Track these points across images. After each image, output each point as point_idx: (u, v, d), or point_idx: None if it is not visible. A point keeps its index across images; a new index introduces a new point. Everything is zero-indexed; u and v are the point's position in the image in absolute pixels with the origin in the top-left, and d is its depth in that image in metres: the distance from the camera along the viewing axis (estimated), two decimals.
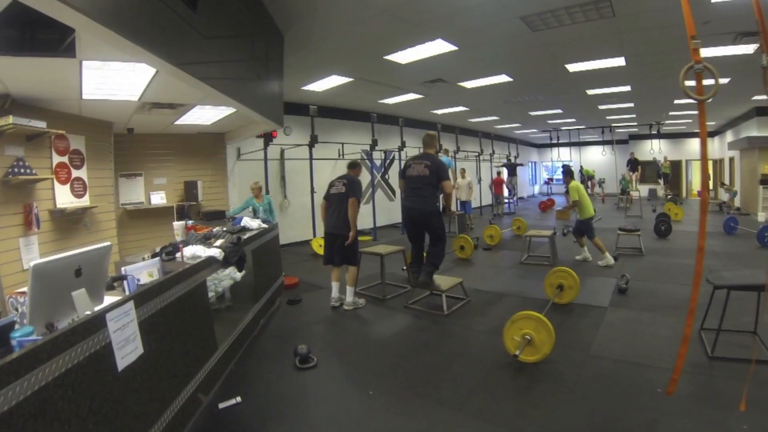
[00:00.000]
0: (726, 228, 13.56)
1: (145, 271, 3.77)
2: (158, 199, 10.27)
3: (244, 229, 6.53)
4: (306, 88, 12.22)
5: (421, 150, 7.11)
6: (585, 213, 9.76)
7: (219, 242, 5.17)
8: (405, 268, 8.57)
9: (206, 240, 5.30)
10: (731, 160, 22.51)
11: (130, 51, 3.45)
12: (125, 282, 3.40)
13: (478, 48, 9.25)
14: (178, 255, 4.54)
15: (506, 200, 22.23)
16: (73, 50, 4.32)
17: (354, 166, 7.67)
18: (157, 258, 4.22)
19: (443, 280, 7.18)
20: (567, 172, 10.31)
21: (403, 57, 9.54)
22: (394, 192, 17.64)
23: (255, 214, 9.35)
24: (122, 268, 3.60)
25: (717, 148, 26.42)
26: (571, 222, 16.63)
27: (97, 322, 2.53)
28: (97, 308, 2.72)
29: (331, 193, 7.28)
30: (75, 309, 2.62)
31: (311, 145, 12.66)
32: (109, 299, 3.03)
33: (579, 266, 9.28)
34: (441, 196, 6.77)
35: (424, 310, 7.06)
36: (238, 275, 5.93)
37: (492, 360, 5.07)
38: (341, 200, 7.08)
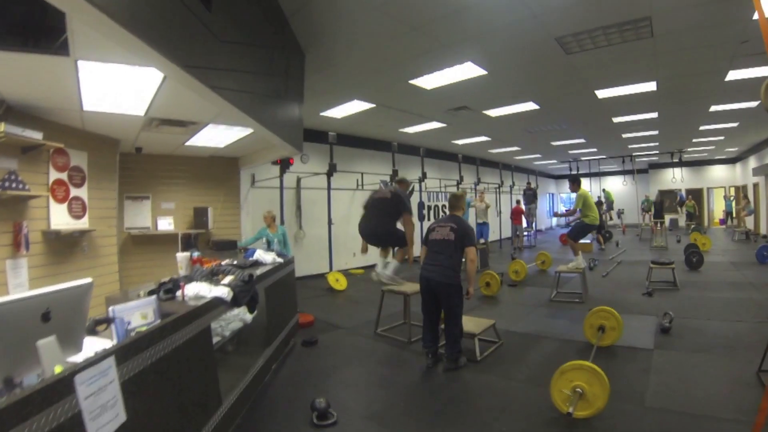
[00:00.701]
0: (759, 257, 13.03)
1: (137, 312, 3.19)
2: (166, 224, 9.76)
3: (257, 264, 6.01)
4: (325, 114, 11.84)
5: (446, 211, 6.58)
6: (589, 218, 9.46)
7: (228, 279, 4.50)
8: None
9: (213, 276, 4.65)
10: (755, 186, 22.17)
11: (131, 46, 2.94)
12: (113, 326, 2.92)
13: (508, 72, 8.86)
14: (178, 293, 3.87)
15: (525, 233, 21.61)
16: (66, 48, 3.89)
17: (402, 182, 7.54)
18: (154, 296, 3.57)
19: (473, 323, 6.54)
20: (574, 179, 10.00)
21: (429, 82, 9.16)
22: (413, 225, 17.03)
23: (268, 246, 8.92)
24: (110, 308, 3.02)
25: (739, 174, 26.25)
26: (595, 253, 16.22)
27: (62, 387, 1.93)
28: (71, 359, 2.31)
29: (374, 198, 7.17)
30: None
31: (330, 174, 12.17)
32: (93, 344, 2.63)
33: (614, 304, 8.66)
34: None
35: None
36: (249, 317, 5.40)
37: (538, 416, 4.44)
38: (383, 205, 6.96)
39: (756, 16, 6.38)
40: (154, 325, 2.97)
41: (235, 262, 5.60)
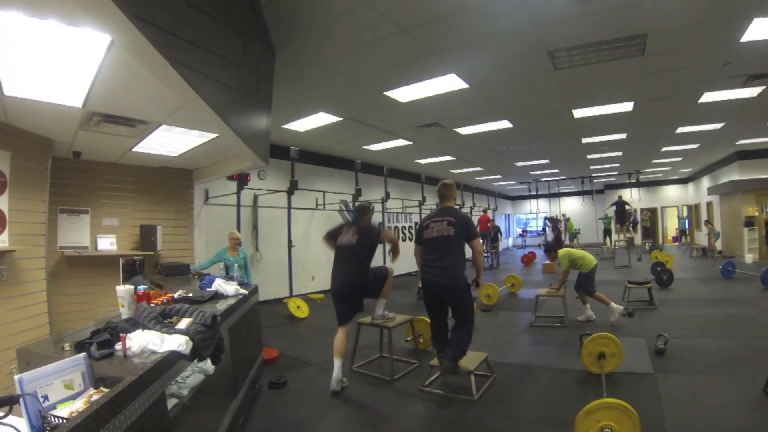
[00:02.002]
0: (724, 273, 13.39)
1: (58, 380, 2.26)
2: (107, 244, 8.38)
3: (217, 297, 4.92)
4: (287, 126, 10.97)
5: (437, 205, 6.05)
6: (586, 266, 8.98)
7: (184, 323, 3.23)
8: (408, 339, 7.37)
9: (165, 318, 3.33)
10: (709, 204, 22.97)
11: None
12: (22, 404, 2.02)
13: (490, 87, 8.57)
14: (118, 347, 2.67)
15: (486, 254, 21.13)
16: None
17: (363, 210, 6.57)
18: (83, 354, 2.52)
19: (465, 357, 5.93)
20: (550, 248, 10.37)
21: (406, 94, 8.63)
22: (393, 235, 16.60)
23: (227, 272, 7.74)
24: (17, 378, 2.10)
25: (692, 193, 27.14)
26: (559, 274, 16.03)
27: None
28: None
29: (341, 245, 6.11)
30: None
31: (291, 192, 11.46)
32: None
33: (597, 326, 8.49)
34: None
35: (446, 395, 5.60)
36: (211, 368, 4.28)
37: None
38: (355, 253, 5.96)
39: (744, 38, 6.35)
40: (82, 413, 1.84)
41: (190, 295, 4.70)
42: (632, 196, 24.24)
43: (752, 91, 9.20)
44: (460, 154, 15.97)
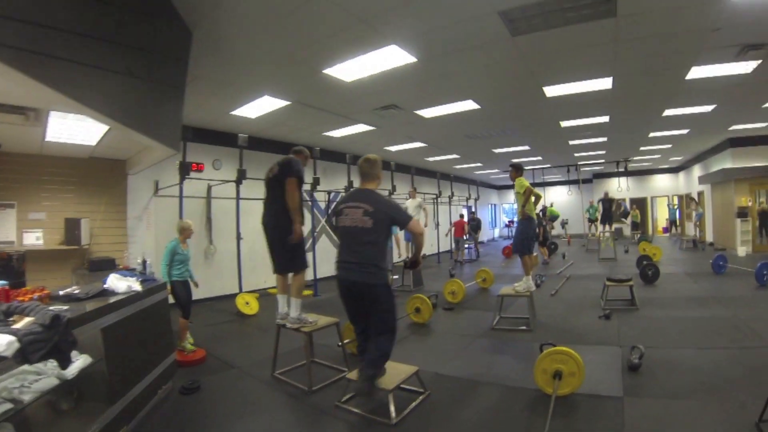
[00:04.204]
0: (715, 267, 12.51)
1: None
2: (33, 239, 8.19)
3: (105, 293, 4.61)
4: (236, 113, 10.34)
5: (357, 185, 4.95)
6: (530, 211, 8.26)
7: (24, 322, 3.14)
8: (340, 344, 6.39)
9: (9, 316, 3.30)
10: (700, 194, 22.21)
11: None
12: None
13: (441, 61, 7.53)
14: None
15: (466, 246, 20.50)
16: None
17: (298, 152, 6.04)
18: None
19: (390, 370, 4.97)
20: (515, 166, 8.77)
21: (348, 72, 7.80)
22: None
23: (183, 266, 7.28)
24: None
25: (682, 183, 26.55)
26: (540, 268, 15.04)
27: None
28: None
29: (269, 177, 5.78)
30: None
31: (239, 182, 10.63)
32: None
33: (568, 332, 7.48)
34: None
35: (363, 414, 4.78)
36: (70, 372, 3.78)
37: None
38: (276, 185, 5.61)
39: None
40: None
41: (76, 292, 4.42)
42: (621, 186, 23.40)
43: (746, 66, 8.22)
44: (431, 139, 15.02)
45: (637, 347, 5.76)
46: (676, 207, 26.94)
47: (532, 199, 8.17)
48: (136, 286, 5.02)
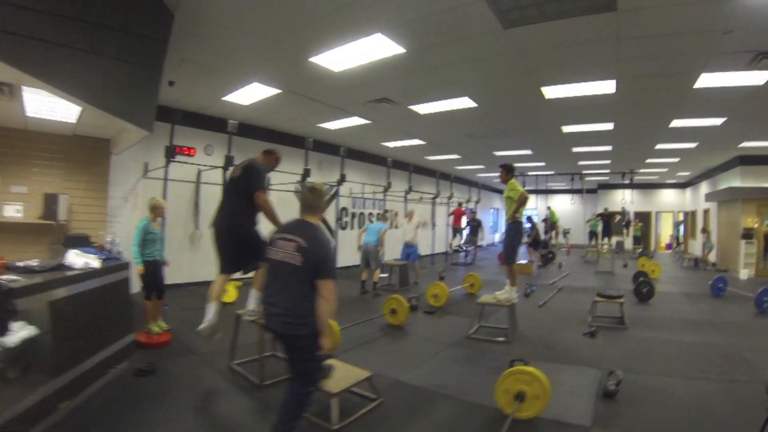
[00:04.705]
0: (714, 289, 11.95)
1: None
2: (13, 211, 8.11)
3: (62, 268, 4.82)
4: (228, 99, 10.21)
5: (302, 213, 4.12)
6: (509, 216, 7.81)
7: None
8: None
9: None
10: (706, 212, 21.68)
11: None
12: None
13: (430, 52, 7.13)
14: None
15: (464, 248, 20.16)
16: None
17: (269, 153, 5.73)
18: None
19: (341, 373, 4.65)
20: (506, 167, 8.46)
21: (335, 61, 7.57)
22: (332, 232, 15.11)
23: (154, 245, 7.20)
24: None
25: (689, 199, 26.01)
26: (534, 278, 14.57)
27: None
28: None
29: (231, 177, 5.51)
30: None
31: (226, 168, 10.24)
32: None
33: (548, 348, 7.03)
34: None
35: (306, 417, 4.32)
36: (9, 341, 3.74)
37: None
38: (234, 189, 5.35)
39: None
40: None
41: (34, 265, 4.59)
42: (625, 198, 23.05)
43: (760, 77, 7.70)
44: (429, 137, 14.62)
45: (615, 372, 5.29)
46: (681, 221, 26.73)
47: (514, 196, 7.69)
48: (94, 263, 5.12)
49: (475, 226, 20.50)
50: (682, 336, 7.79)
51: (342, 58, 7.39)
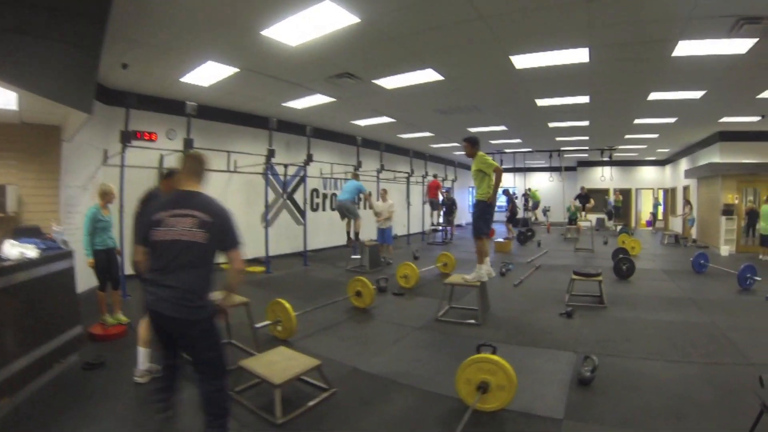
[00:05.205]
0: (695, 266, 11.73)
1: None
2: None
3: None
4: (186, 80, 9.64)
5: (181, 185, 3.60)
6: (488, 193, 7.25)
7: None
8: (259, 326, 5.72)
9: None
10: (686, 189, 21.97)
11: None
12: None
13: (386, 20, 6.64)
14: None
15: (440, 227, 19.98)
16: None
17: (169, 175, 4.81)
18: None
19: (287, 361, 4.26)
20: (470, 140, 7.79)
21: (288, 34, 7.06)
22: (303, 214, 14.76)
23: (105, 233, 6.78)
24: None
25: (669, 176, 26.19)
26: (511, 256, 14.19)
27: None
28: None
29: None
30: None
31: (185, 152, 9.76)
32: None
33: (521, 329, 6.61)
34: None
35: (251, 409, 4.16)
36: None
37: None
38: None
39: None
40: None
41: None
42: (604, 175, 22.93)
43: (741, 45, 7.26)
44: (399, 115, 13.94)
45: (591, 358, 4.86)
46: (660, 203, 26.94)
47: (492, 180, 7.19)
48: (31, 254, 4.92)
49: (449, 205, 20.15)
50: (663, 315, 7.43)
51: (295, 30, 6.92)
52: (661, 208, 26.86)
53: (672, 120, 14.14)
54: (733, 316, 7.31)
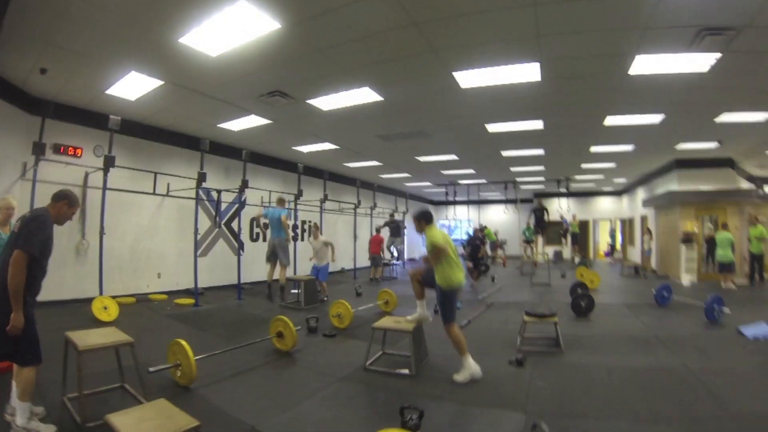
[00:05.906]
0: (658, 299, 11.07)
1: None
2: None
3: None
4: (112, 92, 9.08)
5: None
6: (446, 279, 6.03)
7: None
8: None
9: None
10: (644, 219, 21.88)
11: None
12: None
13: (311, 27, 6.18)
14: None
15: (392, 262, 19.34)
16: None
17: (60, 198, 4.47)
18: None
19: (160, 418, 3.32)
20: (419, 218, 6.32)
21: (207, 42, 6.61)
22: (243, 247, 13.94)
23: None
24: None
25: (626, 206, 26.35)
26: (462, 291, 13.32)
27: None
28: None
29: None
30: None
31: (106, 169, 9.59)
32: None
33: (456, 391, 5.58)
34: None
35: None
36: None
37: None
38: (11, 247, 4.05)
39: None
40: None
41: None
42: (561, 206, 22.87)
43: (704, 60, 6.82)
44: (340, 140, 13.49)
45: (540, 427, 3.88)
46: (617, 232, 27.23)
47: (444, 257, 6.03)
48: None
49: (395, 228, 19.83)
50: (628, 359, 6.61)
51: (214, 37, 6.42)
52: (619, 238, 26.96)
53: (629, 147, 13.92)
54: (705, 356, 6.59)
